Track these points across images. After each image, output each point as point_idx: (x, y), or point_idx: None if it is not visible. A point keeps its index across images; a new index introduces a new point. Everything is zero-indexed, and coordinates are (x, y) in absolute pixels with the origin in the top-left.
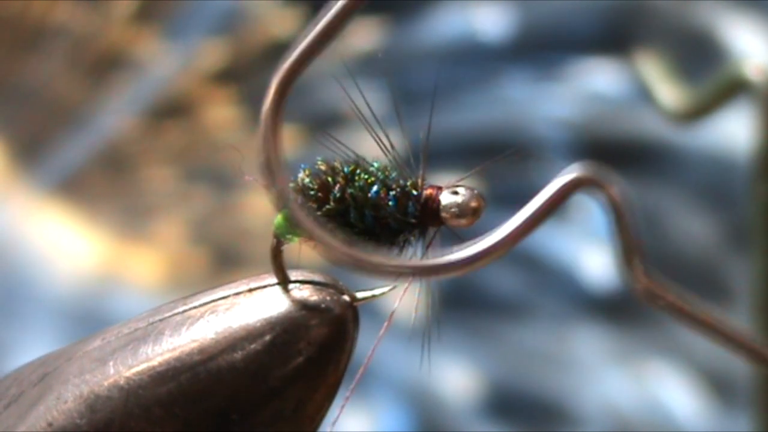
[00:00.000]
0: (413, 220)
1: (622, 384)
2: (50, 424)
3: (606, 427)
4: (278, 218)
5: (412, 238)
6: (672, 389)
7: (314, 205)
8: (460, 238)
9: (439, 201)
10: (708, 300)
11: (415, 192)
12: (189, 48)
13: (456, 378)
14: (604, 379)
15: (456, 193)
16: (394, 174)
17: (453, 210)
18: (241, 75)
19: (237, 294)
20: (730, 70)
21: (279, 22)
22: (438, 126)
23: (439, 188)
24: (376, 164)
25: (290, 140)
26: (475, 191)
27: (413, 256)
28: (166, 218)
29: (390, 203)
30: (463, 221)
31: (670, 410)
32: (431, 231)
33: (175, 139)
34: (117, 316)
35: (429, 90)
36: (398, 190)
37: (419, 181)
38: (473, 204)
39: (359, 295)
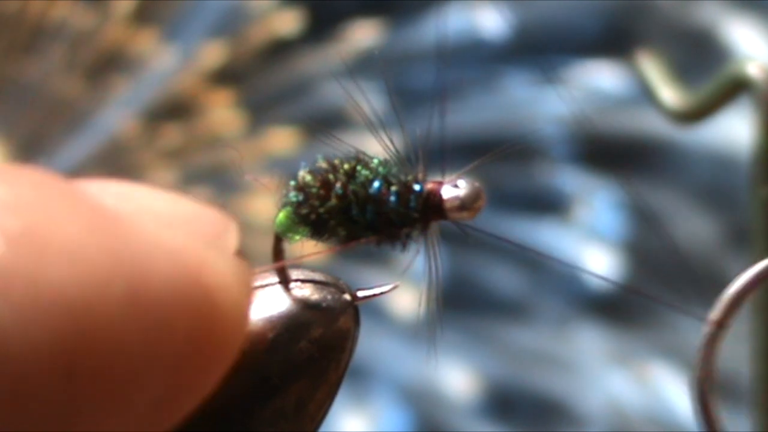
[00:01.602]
0: (415, 215)
1: (623, 384)
2: None
3: (607, 428)
4: (279, 217)
5: (414, 233)
6: (673, 389)
7: (316, 203)
8: (463, 231)
9: (440, 195)
10: (709, 300)
11: (416, 187)
12: (189, 48)
13: (456, 378)
14: (605, 379)
15: (457, 186)
16: (394, 170)
17: (455, 203)
18: (241, 75)
19: None
20: (732, 70)
21: (279, 22)
22: (438, 126)
23: (440, 182)
24: (376, 160)
25: (290, 140)
26: (476, 184)
27: (417, 251)
28: None
29: (392, 198)
30: (465, 214)
31: (671, 410)
32: (433, 225)
33: (175, 139)
34: None
35: (429, 90)
36: (400, 185)
37: (420, 176)
38: (475, 196)
39: (360, 293)
